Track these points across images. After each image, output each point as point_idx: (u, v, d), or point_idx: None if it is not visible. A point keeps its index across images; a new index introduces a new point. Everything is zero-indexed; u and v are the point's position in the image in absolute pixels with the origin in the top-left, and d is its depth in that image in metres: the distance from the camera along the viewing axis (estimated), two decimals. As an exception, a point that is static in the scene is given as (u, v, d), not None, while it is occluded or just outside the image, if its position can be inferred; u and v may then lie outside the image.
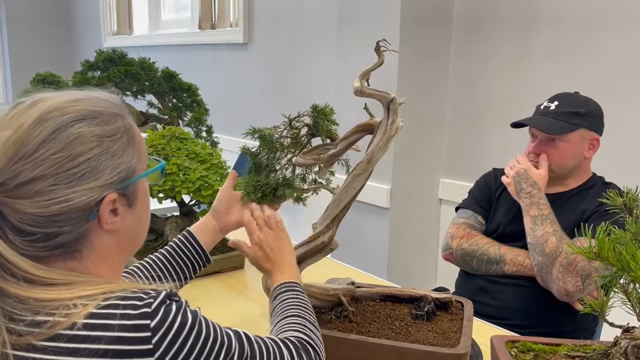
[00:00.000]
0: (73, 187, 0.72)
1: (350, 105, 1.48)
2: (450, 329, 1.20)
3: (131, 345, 0.67)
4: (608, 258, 0.86)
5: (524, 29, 2.38)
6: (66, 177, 0.71)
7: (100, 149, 0.74)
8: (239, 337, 0.77)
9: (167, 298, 0.72)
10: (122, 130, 0.78)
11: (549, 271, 1.54)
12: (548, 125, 1.64)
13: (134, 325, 0.68)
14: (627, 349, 0.91)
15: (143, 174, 0.81)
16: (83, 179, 0.72)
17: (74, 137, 0.73)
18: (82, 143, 0.73)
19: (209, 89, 2.82)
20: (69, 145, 0.72)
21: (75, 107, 0.75)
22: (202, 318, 0.74)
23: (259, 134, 1.21)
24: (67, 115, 0.73)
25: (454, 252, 1.76)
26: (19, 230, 0.71)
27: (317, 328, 0.96)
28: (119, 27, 5.05)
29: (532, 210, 1.62)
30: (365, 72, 1.20)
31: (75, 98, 0.77)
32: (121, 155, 0.77)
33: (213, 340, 0.73)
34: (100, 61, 2.07)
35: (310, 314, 0.98)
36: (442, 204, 2.73)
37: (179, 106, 2.13)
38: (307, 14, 3.24)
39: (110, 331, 0.67)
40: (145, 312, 0.69)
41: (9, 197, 0.70)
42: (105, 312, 0.68)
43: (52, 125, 0.72)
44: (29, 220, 0.70)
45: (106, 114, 0.77)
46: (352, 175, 1.22)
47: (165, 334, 0.69)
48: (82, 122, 0.74)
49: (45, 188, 0.70)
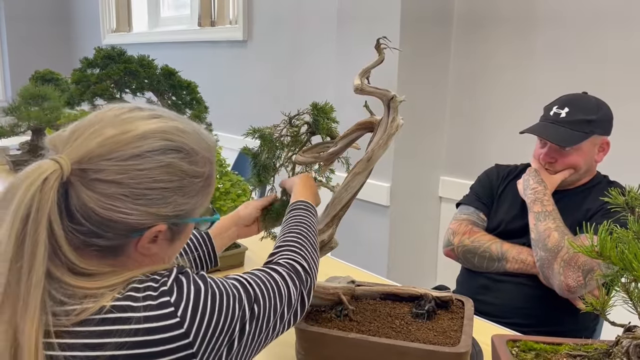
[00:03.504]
0: (138, 205, 0.75)
1: (350, 103, 1.48)
2: (450, 328, 1.19)
3: (159, 322, 0.72)
4: (610, 257, 0.86)
5: (524, 28, 2.37)
6: (138, 194, 0.75)
7: (179, 184, 0.78)
8: (243, 285, 0.83)
9: (177, 274, 0.77)
10: (204, 176, 0.82)
11: (551, 266, 1.53)
12: (560, 137, 1.61)
13: (157, 304, 0.73)
14: (629, 348, 0.91)
15: (197, 219, 0.85)
16: (150, 203, 0.76)
17: (164, 164, 0.77)
18: (167, 172, 0.77)
19: (209, 86, 2.81)
20: (156, 169, 0.76)
21: (179, 137, 0.79)
22: (209, 280, 0.79)
23: (259, 133, 1.20)
24: (168, 142, 0.77)
25: (455, 249, 1.75)
26: (72, 215, 0.74)
27: (314, 247, 1.02)
28: (118, 25, 5.04)
29: (536, 207, 1.61)
30: (366, 70, 1.19)
31: (183, 129, 0.80)
32: (191, 197, 0.80)
33: (227, 296, 0.79)
34: (100, 59, 2.07)
35: (311, 234, 1.05)
36: (442, 202, 2.73)
37: (179, 104, 2.12)
38: (307, 12, 3.23)
39: (137, 312, 0.71)
40: (164, 290, 0.74)
41: (82, 184, 0.73)
42: (128, 295, 0.73)
43: (153, 145, 0.76)
44: (85, 212, 0.73)
45: (200, 155, 0.81)
46: (352, 173, 1.21)
47: (186, 305, 0.74)
48: (177, 154, 0.78)
49: (116, 194, 0.74)
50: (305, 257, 0.97)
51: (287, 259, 0.95)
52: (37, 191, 0.70)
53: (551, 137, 1.63)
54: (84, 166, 0.73)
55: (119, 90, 2.08)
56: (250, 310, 0.80)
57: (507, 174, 1.85)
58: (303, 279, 0.93)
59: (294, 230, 1.04)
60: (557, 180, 1.66)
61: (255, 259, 1.70)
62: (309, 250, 1.00)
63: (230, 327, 0.77)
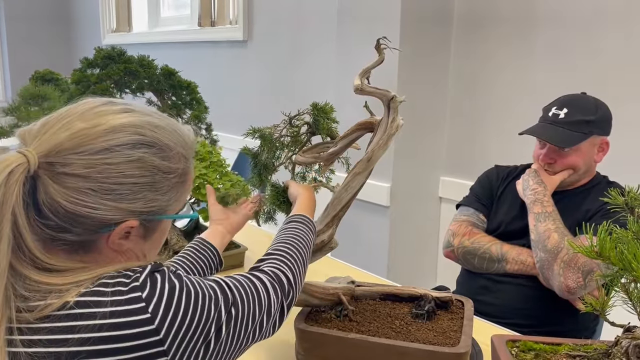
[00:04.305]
0: (107, 200, 0.74)
1: (350, 103, 1.48)
2: (450, 328, 1.20)
3: (128, 317, 0.70)
4: (609, 257, 0.86)
5: (524, 28, 2.38)
6: (107, 189, 0.73)
7: (150, 179, 0.77)
8: (220, 287, 0.80)
9: (152, 271, 0.75)
10: (178, 172, 0.80)
11: (551, 267, 1.53)
12: (559, 138, 1.61)
13: (126, 299, 0.70)
14: (628, 348, 0.91)
15: (171, 216, 0.83)
16: (119, 198, 0.74)
17: (134, 159, 0.75)
18: (137, 167, 0.75)
19: (209, 86, 2.81)
20: (126, 164, 0.74)
21: (151, 132, 0.78)
22: (186, 279, 0.77)
23: (259, 133, 1.20)
24: (139, 136, 0.76)
25: (455, 250, 1.75)
26: (39, 210, 0.73)
27: (304, 262, 0.99)
28: (118, 25, 5.04)
29: (536, 208, 1.61)
30: (366, 70, 1.19)
31: (156, 124, 0.79)
32: (164, 193, 0.79)
33: (202, 295, 0.76)
34: (100, 59, 2.06)
35: (304, 250, 1.01)
36: (442, 202, 2.73)
37: (179, 104, 2.12)
38: (307, 12, 3.23)
39: (104, 307, 0.69)
40: (135, 286, 0.72)
41: (50, 177, 0.72)
42: (95, 290, 0.71)
43: (123, 139, 0.75)
44: (52, 206, 0.72)
45: (175, 151, 0.80)
46: (352, 173, 1.21)
47: (159, 301, 0.72)
48: (148, 149, 0.77)
49: (84, 189, 0.72)
50: (292, 270, 0.94)
51: (273, 267, 0.92)
52: (1, 184, 0.69)
53: (550, 138, 1.63)
54: (51, 159, 0.72)
55: (119, 91, 2.08)
56: (227, 312, 0.78)
57: (507, 175, 1.85)
58: (286, 290, 0.91)
59: (287, 241, 1.01)
60: (556, 181, 1.66)
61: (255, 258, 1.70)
62: (298, 264, 0.97)
63: (205, 328, 0.75)
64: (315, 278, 1.29)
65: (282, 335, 0.93)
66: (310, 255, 1.05)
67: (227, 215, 1.28)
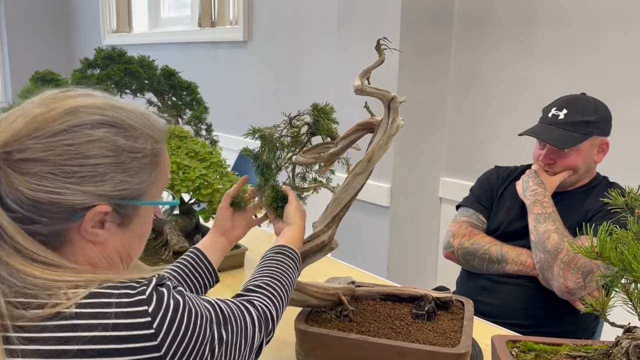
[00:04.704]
0: (70, 184, 0.71)
1: (350, 104, 1.48)
2: (450, 329, 1.20)
3: (131, 330, 0.68)
4: (610, 258, 0.86)
5: (525, 28, 2.38)
6: (67, 172, 0.71)
7: (114, 160, 0.74)
8: (214, 310, 0.79)
9: (157, 285, 0.73)
10: (147, 152, 0.77)
11: (550, 268, 1.53)
12: (558, 139, 1.62)
13: (131, 312, 0.69)
14: (629, 349, 0.91)
15: (146, 202, 0.79)
16: (83, 181, 0.72)
17: (94, 138, 0.72)
18: (99, 147, 0.73)
19: (209, 87, 2.81)
20: (86, 144, 0.72)
21: (111, 112, 0.75)
22: (187, 296, 0.75)
23: (259, 134, 1.20)
24: (99, 116, 0.74)
25: (455, 251, 1.75)
26: (4, 202, 0.71)
27: (287, 298, 0.98)
28: (118, 25, 5.04)
29: (536, 208, 1.61)
30: (366, 71, 1.19)
31: (117, 105, 0.77)
32: (133, 175, 0.76)
33: (201, 315, 0.75)
34: (100, 59, 2.07)
35: (289, 286, 1.00)
36: (442, 203, 2.73)
37: (179, 104, 2.12)
38: (307, 12, 3.23)
39: (107, 319, 0.67)
40: (141, 299, 0.70)
41: (9, 166, 0.70)
42: (97, 302, 0.68)
43: (80, 119, 0.72)
44: (14, 196, 0.70)
45: (138, 130, 0.77)
46: (352, 174, 1.21)
47: (164, 316, 0.70)
48: (109, 128, 0.74)
49: (43, 173, 0.70)
50: (277, 309, 0.93)
51: (263, 305, 0.91)
52: None
53: (550, 139, 1.63)
54: (9, 148, 0.70)
55: (120, 91, 2.08)
56: (219, 334, 0.77)
57: (507, 176, 1.85)
58: (269, 329, 0.90)
59: (277, 277, 0.99)
60: (556, 181, 1.66)
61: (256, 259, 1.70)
62: (282, 303, 0.96)
63: (201, 347, 0.74)
64: (315, 278, 1.29)
65: (282, 335, 0.93)
66: (292, 293, 1.03)
67: (233, 225, 1.24)
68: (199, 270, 1.14)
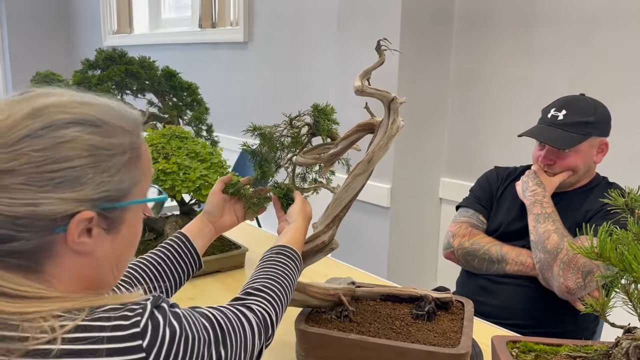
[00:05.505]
0: (45, 192, 0.64)
1: (350, 104, 1.48)
2: (450, 329, 1.20)
3: None
4: (610, 258, 0.86)
5: (525, 28, 2.38)
6: (41, 179, 0.64)
7: (90, 160, 0.67)
8: (212, 327, 0.75)
9: (152, 310, 0.67)
10: (125, 148, 0.71)
11: (550, 268, 1.53)
12: (558, 140, 1.62)
13: (125, 348, 0.64)
14: (629, 349, 0.91)
15: (133, 201, 0.72)
16: (59, 187, 0.65)
17: (65, 140, 0.66)
18: (71, 148, 0.66)
19: (209, 87, 2.82)
20: (56, 146, 0.65)
21: (79, 109, 0.68)
22: (184, 321, 0.71)
23: (258, 131, 1.20)
24: (65, 115, 0.67)
25: (455, 251, 1.75)
26: None
27: (287, 301, 0.96)
28: (119, 26, 5.04)
29: (535, 209, 1.62)
30: (366, 72, 1.19)
31: (83, 101, 0.70)
32: (114, 174, 0.69)
33: (198, 339, 0.71)
34: (101, 60, 2.07)
35: (289, 289, 0.97)
36: (442, 204, 2.73)
37: (179, 105, 2.12)
38: (307, 13, 3.24)
39: (99, 356, 0.62)
40: (135, 333, 0.65)
41: None
42: (87, 336, 0.63)
43: (45, 121, 0.65)
44: None
45: (112, 125, 0.70)
46: (352, 174, 1.21)
47: (159, 350, 0.66)
48: (79, 126, 0.67)
49: (15, 185, 0.63)
50: (277, 312, 0.90)
51: (262, 309, 0.87)
52: None
53: (549, 139, 1.63)
54: None
55: (120, 92, 2.09)
56: (217, 354, 0.73)
57: (507, 176, 1.85)
58: (269, 334, 0.87)
59: (277, 279, 0.96)
60: (556, 182, 1.67)
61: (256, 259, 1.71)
62: (282, 307, 0.93)
63: None
64: (315, 279, 1.30)
65: (282, 336, 0.93)
66: (292, 295, 1.01)
67: (222, 214, 1.20)
68: (183, 257, 1.11)
